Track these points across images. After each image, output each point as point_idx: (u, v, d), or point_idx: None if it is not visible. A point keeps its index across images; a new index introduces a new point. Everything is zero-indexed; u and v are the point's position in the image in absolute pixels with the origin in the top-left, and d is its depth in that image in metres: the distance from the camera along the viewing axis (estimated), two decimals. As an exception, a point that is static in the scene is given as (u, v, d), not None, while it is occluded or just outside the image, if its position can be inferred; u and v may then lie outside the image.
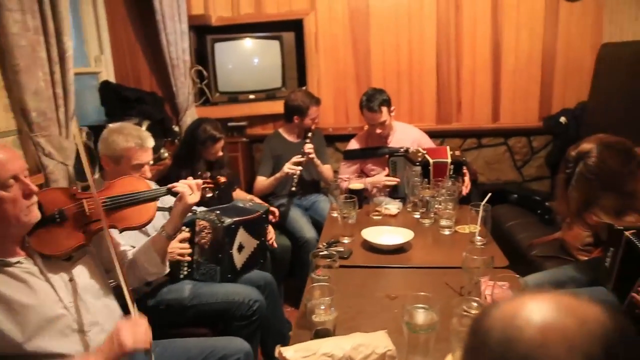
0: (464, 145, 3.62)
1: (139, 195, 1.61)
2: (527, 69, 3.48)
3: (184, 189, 1.64)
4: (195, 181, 1.69)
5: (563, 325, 0.52)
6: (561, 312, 0.53)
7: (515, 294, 0.58)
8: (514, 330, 0.54)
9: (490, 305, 0.60)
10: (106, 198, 1.55)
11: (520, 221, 2.98)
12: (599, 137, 1.83)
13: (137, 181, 1.71)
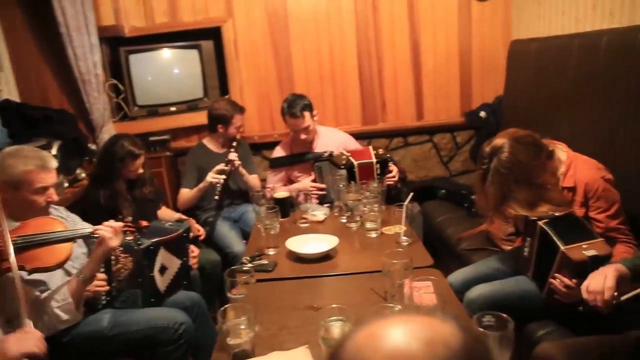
0: (390, 145, 3.66)
1: (53, 235, 1.51)
2: (446, 67, 3.57)
3: (106, 234, 1.56)
4: (117, 224, 1.65)
5: (409, 352, 0.51)
6: (410, 338, 0.52)
7: (374, 320, 0.55)
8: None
9: (346, 334, 0.57)
10: (17, 237, 1.43)
11: (449, 216, 3.04)
12: (509, 132, 1.87)
13: (52, 221, 1.64)
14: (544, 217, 1.73)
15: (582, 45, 2.48)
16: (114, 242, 1.62)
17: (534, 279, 1.85)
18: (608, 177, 1.86)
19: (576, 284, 1.60)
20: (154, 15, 3.40)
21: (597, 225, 1.82)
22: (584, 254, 1.57)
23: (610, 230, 1.81)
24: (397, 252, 1.53)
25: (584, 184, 1.84)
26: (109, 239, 1.59)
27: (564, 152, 1.95)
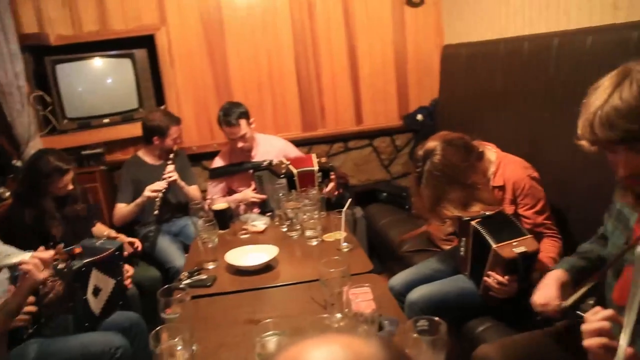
0: (331, 150, 3.68)
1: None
2: (383, 71, 3.63)
3: (32, 268, 1.46)
4: (46, 255, 1.54)
5: None
6: None
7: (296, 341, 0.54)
8: None
9: (269, 358, 0.56)
10: None
11: (391, 218, 3.08)
12: (441, 135, 1.92)
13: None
14: (477, 217, 1.78)
15: (507, 50, 2.60)
16: (42, 274, 1.51)
17: (471, 277, 1.90)
18: (534, 175, 1.95)
19: (508, 280, 1.66)
20: (82, 23, 3.26)
21: (525, 221, 1.90)
22: (514, 252, 1.63)
23: (538, 225, 1.89)
24: (335, 260, 1.52)
25: (512, 183, 1.91)
26: (37, 272, 1.49)
27: (494, 153, 2.02)
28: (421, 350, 1.05)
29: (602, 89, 1.12)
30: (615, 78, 1.10)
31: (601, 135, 1.09)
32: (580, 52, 2.01)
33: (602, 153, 1.18)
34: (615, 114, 1.06)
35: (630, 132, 1.05)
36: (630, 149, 1.10)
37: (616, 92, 1.08)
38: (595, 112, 1.10)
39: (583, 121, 1.15)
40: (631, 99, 1.05)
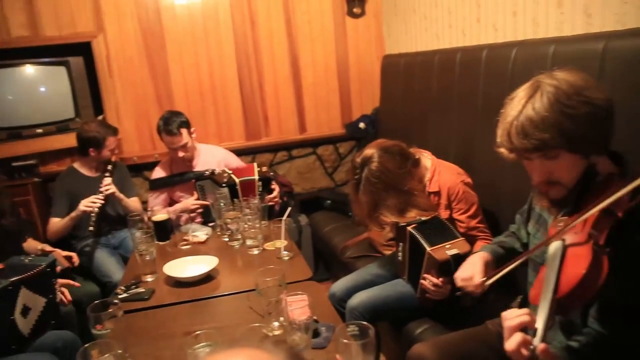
0: (275, 159, 3.69)
1: None
2: (326, 80, 3.69)
3: None
4: None
5: None
6: None
7: None
8: None
9: None
10: None
11: (335, 225, 3.12)
12: (378, 142, 1.97)
13: None
14: (413, 222, 1.84)
15: (442, 61, 2.70)
16: None
17: (409, 281, 1.96)
18: (467, 180, 2.04)
19: (443, 282, 1.73)
20: (10, 28, 3.11)
21: (460, 225, 1.98)
22: (447, 254, 1.69)
23: (471, 229, 1.97)
24: (271, 269, 1.53)
25: (447, 188, 1.99)
26: None
27: (429, 160, 2.09)
28: (352, 355, 1.07)
29: (517, 99, 1.19)
30: (528, 90, 1.18)
31: (517, 144, 1.17)
32: (506, 64, 2.13)
33: (521, 160, 1.26)
34: (529, 124, 1.13)
35: (542, 141, 1.13)
36: (543, 157, 1.18)
37: (529, 103, 1.15)
38: (512, 122, 1.17)
39: (501, 130, 1.22)
40: (542, 110, 1.12)
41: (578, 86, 1.14)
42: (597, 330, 1.17)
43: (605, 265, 1.00)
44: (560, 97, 1.12)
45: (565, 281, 1.00)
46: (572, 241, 1.08)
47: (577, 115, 1.11)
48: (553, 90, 1.13)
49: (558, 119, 1.11)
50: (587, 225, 1.08)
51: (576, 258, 1.02)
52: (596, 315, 1.18)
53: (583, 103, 1.12)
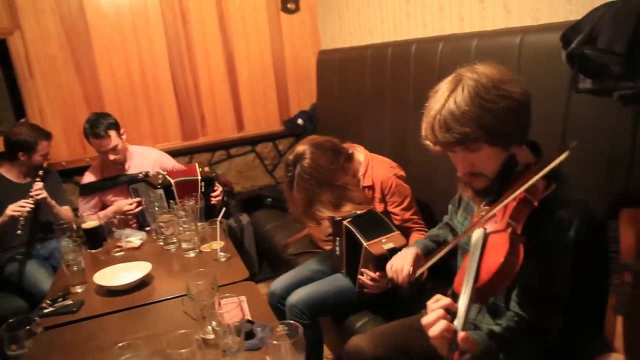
0: (214, 158, 3.62)
1: None
2: (262, 77, 3.65)
3: None
4: None
5: None
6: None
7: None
8: None
9: None
10: None
11: (277, 223, 3.11)
12: (309, 139, 1.98)
13: None
14: (348, 216, 1.86)
15: (374, 56, 2.74)
16: None
17: (347, 275, 1.98)
18: (400, 173, 2.08)
19: (380, 276, 1.75)
20: None
21: (394, 217, 2.02)
22: (383, 248, 1.72)
23: (406, 221, 2.01)
24: (202, 272, 1.50)
25: (380, 182, 2.02)
26: None
27: (362, 154, 2.12)
28: (281, 355, 1.07)
29: (440, 93, 1.22)
30: (450, 84, 1.21)
31: (441, 138, 1.19)
32: (434, 58, 2.18)
33: (446, 152, 1.30)
34: (451, 118, 1.16)
35: (464, 134, 1.16)
36: (466, 150, 1.22)
37: (451, 97, 1.18)
38: (435, 117, 1.19)
39: (425, 124, 1.24)
40: (463, 104, 1.16)
41: (497, 80, 1.18)
42: (517, 314, 1.23)
43: (521, 253, 1.04)
44: (479, 91, 1.15)
45: (485, 269, 1.03)
46: (492, 230, 1.12)
47: (496, 109, 1.15)
48: (473, 84, 1.16)
49: (478, 113, 1.15)
50: (506, 214, 1.12)
51: (495, 247, 1.06)
52: (516, 300, 1.24)
53: (501, 97, 1.16)
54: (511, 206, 1.13)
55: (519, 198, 1.13)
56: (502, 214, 1.14)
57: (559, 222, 1.16)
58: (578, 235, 1.15)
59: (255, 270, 3.34)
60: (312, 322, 1.94)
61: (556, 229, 1.16)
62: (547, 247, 1.17)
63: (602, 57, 1.39)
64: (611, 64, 1.39)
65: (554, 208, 1.17)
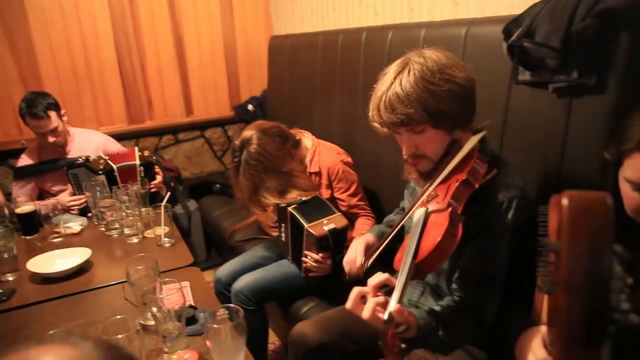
0: (161, 143, 3.53)
1: None
2: (212, 62, 3.57)
3: None
4: None
5: None
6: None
7: None
8: None
9: None
10: None
11: (224, 209, 3.07)
12: (256, 124, 1.96)
13: None
14: (293, 203, 1.86)
15: (325, 43, 2.73)
16: None
17: (293, 261, 1.98)
18: (347, 160, 2.09)
19: (323, 258, 1.77)
20: None
21: (341, 204, 2.03)
22: (324, 229, 1.73)
23: (352, 207, 2.03)
24: (143, 257, 1.46)
25: (327, 168, 2.03)
26: None
27: (310, 140, 2.12)
28: (222, 339, 1.06)
29: (387, 75, 1.24)
30: (398, 67, 1.24)
31: (386, 118, 1.22)
32: (383, 46, 2.20)
33: (393, 134, 1.32)
34: (396, 99, 1.19)
35: (408, 116, 1.19)
36: (411, 132, 1.24)
37: (397, 79, 1.20)
38: (381, 97, 1.22)
39: (372, 105, 1.27)
40: (408, 86, 1.18)
41: (442, 64, 1.21)
42: (457, 295, 1.27)
43: (460, 232, 1.08)
44: (425, 75, 1.18)
45: (424, 246, 1.06)
46: (434, 209, 1.15)
47: (440, 92, 1.18)
48: (419, 67, 1.19)
49: (422, 96, 1.17)
50: (448, 195, 1.16)
51: (435, 225, 1.09)
52: (456, 281, 1.28)
53: (445, 81, 1.19)
54: (453, 187, 1.16)
55: (461, 180, 1.16)
56: (444, 195, 1.17)
57: (498, 206, 1.21)
58: (515, 219, 1.20)
59: (203, 257, 3.30)
60: (258, 308, 1.94)
61: (495, 212, 1.21)
62: (486, 230, 1.22)
63: (540, 51, 1.45)
64: (547, 57, 1.45)
65: (494, 192, 1.22)
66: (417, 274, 1.07)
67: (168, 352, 1.23)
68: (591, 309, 0.52)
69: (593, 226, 0.51)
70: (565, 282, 0.52)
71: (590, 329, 0.52)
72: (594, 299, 0.52)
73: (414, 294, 1.43)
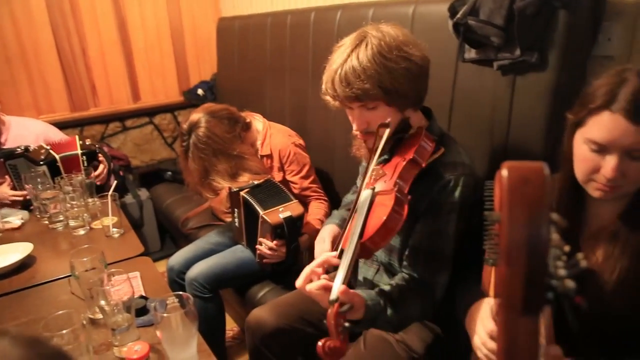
0: (107, 131, 3.39)
1: None
2: (159, 45, 3.45)
3: None
4: None
5: None
6: None
7: None
8: None
9: None
10: None
11: (177, 197, 3.00)
12: (205, 106, 1.91)
13: None
14: (246, 187, 1.83)
15: (274, 24, 2.68)
16: None
17: (247, 246, 1.96)
18: (299, 142, 2.07)
19: (277, 245, 1.75)
20: None
21: (293, 186, 2.02)
22: (280, 217, 1.72)
23: (305, 189, 2.02)
24: (88, 249, 1.40)
25: (278, 151, 2.00)
26: None
27: (260, 123, 2.09)
28: (172, 327, 1.03)
29: (343, 48, 1.22)
30: (354, 40, 1.22)
31: (340, 92, 1.20)
32: (332, 26, 2.18)
33: (344, 108, 1.31)
34: (353, 73, 1.17)
35: (363, 90, 1.18)
36: (364, 108, 1.23)
37: (354, 53, 1.19)
38: (336, 70, 1.20)
39: (326, 77, 1.25)
40: (365, 60, 1.17)
41: (400, 41, 1.20)
42: (407, 273, 1.29)
43: (405, 212, 1.09)
44: (382, 50, 1.17)
45: (369, 226, 1.07)
46: (381, 189, 1.15)
47: (396, 69, 1.17)
48: (377, 42, 1.17)
49: (379, 71, 1.16)
50: (395, 174, 1.16)
51: (381, 206, 1.10)
52: (406, 258, 1.30)
53: (403, 58, 1.18)
54: (400, 166, 1.17)
55: (408, 159, 1.17)
56: (392, 174, 1.17)
57: (445, 184, 1.22)
58: (463, 196, 1.22)
59: (157, 247, 3.22)
60: (214, 296, 1.91)
61: (443, 190, 1.22)
62: (435, 208, 1.23)
63: (484, 29, 1.47)
64: (491, 35, 1.47)
65: (442, 171, 1.23)
66: (363, 252, 1.07)
67: (118, 345, 1.19)
68: (530, 277, 0.53)
69: (531, 195, 0.52)
70: (506, 252, 0.53)
71: (529, 296, 0.53)
72: (533, 267, 0.53)
73: (369, 272, 1.44)
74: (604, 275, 1.03)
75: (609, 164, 0.94)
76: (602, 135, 0.94)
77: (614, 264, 1.01)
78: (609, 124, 0.93)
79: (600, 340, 1.05)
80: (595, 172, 0.97)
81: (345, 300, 1.00)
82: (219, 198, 2.38)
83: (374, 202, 1.12)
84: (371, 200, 1.12)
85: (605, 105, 0.93)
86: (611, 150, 0.94)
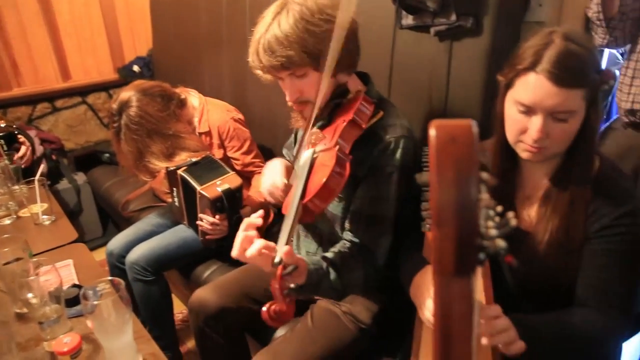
0: (35, 112, 3.16)
1: None
2: (88, 18, 3.22)
3: None
4: None
5: None
6: None
7: None
8: None
9: None
10: None
11: (116, 180, 2.86)
12: (135, 84, 1.81)
13: None
14: (183, 165, 1.76)
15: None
16: None
17: (190, 225, 1.90)
18: (238, 117, 2.01)
19: (219, 219, 1.70)
20: None
21: (235, 162, 1.96)
22: (218, 190, 1.67)
23: (247, 165, 1.97)
24: (11, 238, 1.31)
25: (217, 127, 1.93)
26: None
27: (197, 99, 2.00)
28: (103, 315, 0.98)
29: (266, 18, 1.19)
30: (276, 8, 1.18)
31: (265, 62, 1.17)
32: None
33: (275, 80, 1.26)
34: (275, 41, 1.14)
35: (288, 58, 1.14)
36: (293, 76, 1.20)
37: (275, 21, 1.15)
38: (259, 40, 1.16)
39: (251, 49, 1.21)
40: (287, 27, 1.13)
41: (322, 4, 1.17)
42: (349, 239, 1.28)
43: (347, 172, 1.07)
44: (304, 15, 1.14)
45: (311, 187, 1.05)
46: (321, 149, 1.13)
47: (320, 32, 1.14)
48: (299, 8, 1.14)
49: (302, 37, 1.13)
50: (336, 135, 1.14)
51: (322, 166, 1.08)
52: (348, 225, 1.29)
53: (325, 21, 1.15)
54: (340, 127, 1.14)
55: (348, 120, 1.15)
56: (332, 136, 1.15)
57: (385, 147, 1.21)
58: (403, 158, 1.22)
59: (99, 233, 3.09)
60: (157, 278, 1.84)
61: (383, 152, 1.21)
62: (375, 171, 1.22)
63: (420, -7, 1.45)
64: (427, 0, 1.46)
65: (381, 133, 1.22)
66: (305, 215, 1.05)
67: (49, 339, 1.12)
68: (460, 238, 0.51)
69: (458, 153, 0.50)
70: (436, 213, 0.51)
71: (460, 258, 0.52)
72: (463, 228, 0.51)
73: (312, 246, 1.42)
74: (537, 236, 1.05)
75: (535, 125, 0.96)
76: (528, 97, 0.95)
77: (546, 224, 1.04)
78: (534, 85, 0.94)
79: (535, 297, 1.08)
80: (523, 134, 0.99)
81: (289, 262, 0.98)
82: (159, 178, 2.28)
83: (315, 163, 1.10)
84: (312, 161, 1.10)
85: (530, 67, 0.94)
86: (536, 111, 0.95)
